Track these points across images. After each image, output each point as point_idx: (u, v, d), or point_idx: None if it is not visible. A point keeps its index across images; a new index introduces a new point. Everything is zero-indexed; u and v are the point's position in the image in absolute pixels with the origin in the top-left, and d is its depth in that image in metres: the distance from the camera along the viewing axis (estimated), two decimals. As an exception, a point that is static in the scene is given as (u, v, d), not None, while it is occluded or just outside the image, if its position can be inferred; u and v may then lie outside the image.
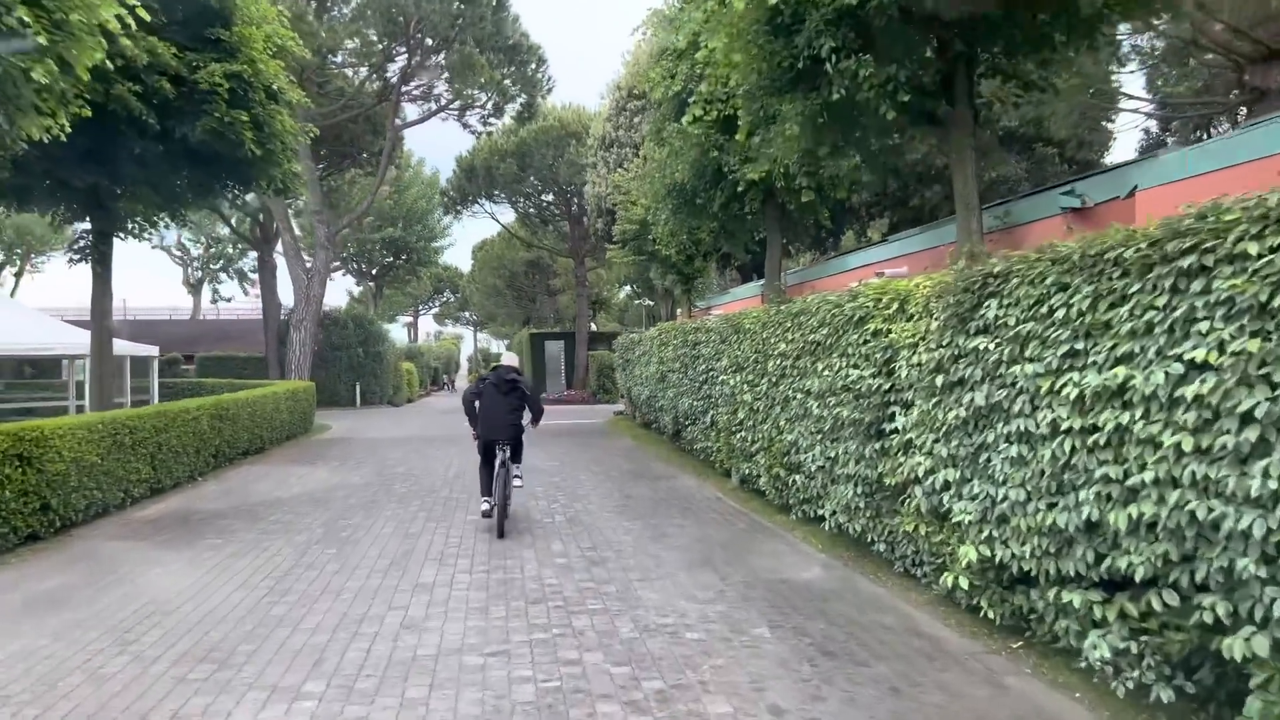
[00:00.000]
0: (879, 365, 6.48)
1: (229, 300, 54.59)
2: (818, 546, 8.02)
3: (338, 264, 51.50)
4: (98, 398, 12.76)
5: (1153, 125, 24.67)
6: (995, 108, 17.02)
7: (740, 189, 12.19)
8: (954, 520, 5.45)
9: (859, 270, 13.65)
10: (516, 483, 9.23)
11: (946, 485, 5.54)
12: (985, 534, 5.11)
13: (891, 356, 6.32)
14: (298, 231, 28.54)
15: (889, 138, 8.70)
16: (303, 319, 24.25)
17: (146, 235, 13.80)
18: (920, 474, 5.85)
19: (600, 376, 33.74)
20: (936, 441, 5.64)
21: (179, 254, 54.43)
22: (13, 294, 47.56)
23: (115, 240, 13.58)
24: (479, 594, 6.54)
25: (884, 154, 9.82)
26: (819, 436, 7.75)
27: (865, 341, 6.70)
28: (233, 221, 33.93)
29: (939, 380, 5.47)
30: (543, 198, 36.37)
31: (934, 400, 5.62)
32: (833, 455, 7.43)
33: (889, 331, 6.37)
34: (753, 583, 6.80)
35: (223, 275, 55.40)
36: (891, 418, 6.35)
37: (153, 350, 20.66)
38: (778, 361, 8.85)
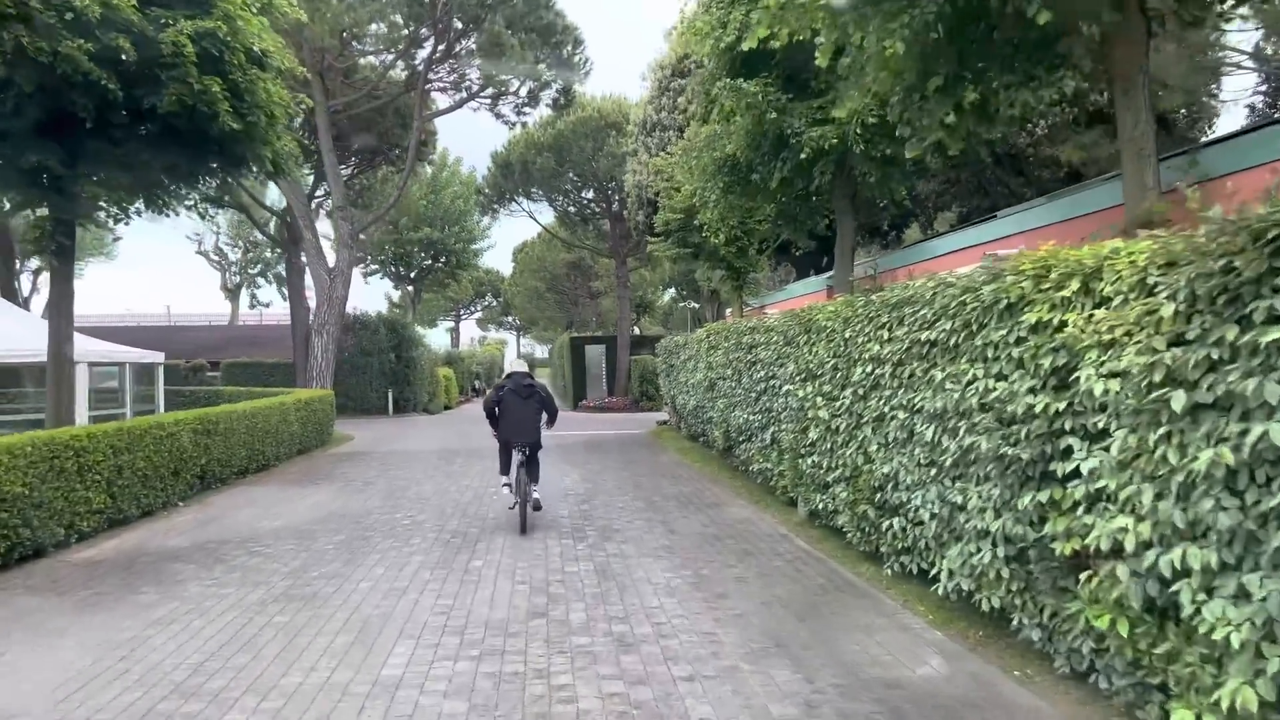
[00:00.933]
0: (1044, 375, 4.38)
1: (267, 305, 53.85)
2: (928, 618, 5.94)
3: (375, 267, 50.40)
4: (53, 412, 11.12)
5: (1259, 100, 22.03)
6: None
7: (806, 158, 10.12)
8: (1201, 630, 3.35)
9: (952, 256, 11.52)
10: (535, 494, 9.64)
11: (1183, 570, 3.44)
12: (1275, 667, 3.02)
13: (1069, 362, 4.22)
14: (327, 230, 27.10)
15: (1028, 63, 6.44)
16: (325, 322, 22.70)
17: (117, 224, 12.17)
18: (1125, 544, 3.76)
19: (643, 383, 31.80)
20: (1161, 497, 3.54)
21: (217, 258, 53.83)
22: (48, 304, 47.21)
23: (114, 229, 12.02)
24: (457, 705, 4.59)
25: (1013, 93, 7.46)
26: (934, 472, 5.68)
27: (1019, 340, 4.60)
28: (261, 221, 32.69)
29: (1178, 400, 3.37)
30: (582, 195, 34.58)
31: (1159, 431, 3.53)
32: (958, 500, 5.34)
33: (1061, 324, 4.27)
34: (850, 686, 4.75)
35: (260, 280, 54.63)
36: (1067, 454, 4.25)
37: (156, 356, 19.20)
38: (867, 369, 6.78)
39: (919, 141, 7.50)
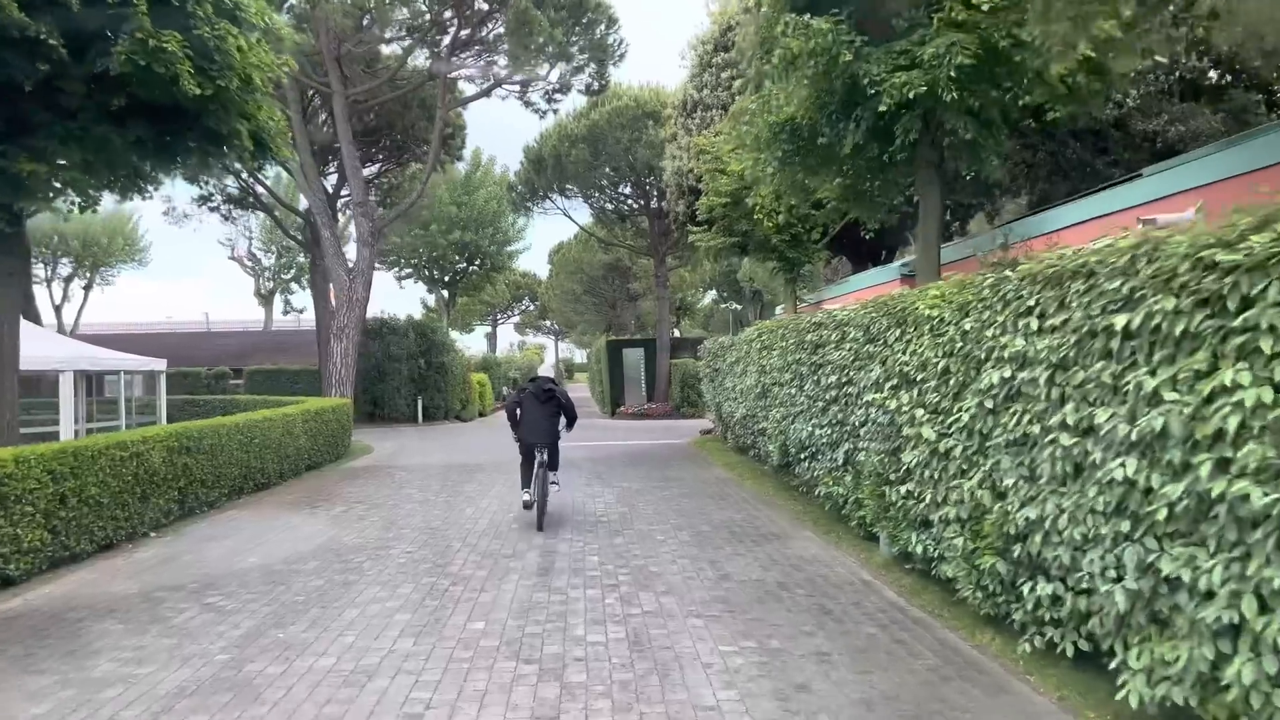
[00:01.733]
0: None
1: (301, 311, 52.96)
2: (1114, 737, 4.07)
3: (408, 271, 49.28)
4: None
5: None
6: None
7: (886, 111, 8.22)
8: None
9: (1077, 229, 9.55)
10: (554, 487, 10.12)
11: None
12: None
13: None
14: (351, 228, 25.71)
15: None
16: (345, 326, 21.26)
17: (84, 211, 10.67)
18: None
19: (684, 388, 29.96)
20: None
21: (250, 264, 53.14)
22: (81, 309, 46.81)
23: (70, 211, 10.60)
24: None
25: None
26: (1127, 526, 3.80)
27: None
28: (286, 222, 31.53)
29: None
30: (618, 190, 32.91)
31: None
32: (1176, 572, 3.46)
33: None
34: None
35: (294, 285, 53.81)
36: None
37: (157, 364, 17.84)
38: (1004, 372, 4.90)
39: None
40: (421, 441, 22.56)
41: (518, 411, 10.21)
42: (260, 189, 30.66)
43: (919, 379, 6.20)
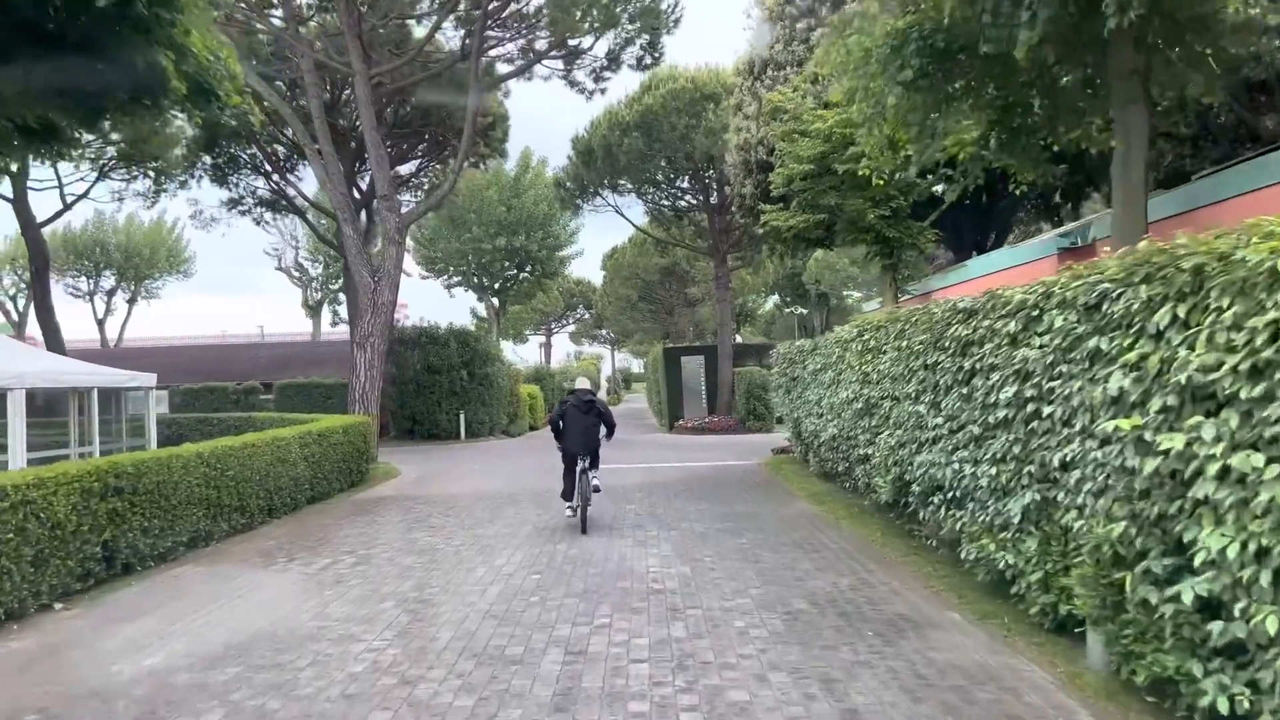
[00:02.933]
0: None
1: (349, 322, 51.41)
2: None
3: (457, 279, 47.31)
4: None
5: None
6: None
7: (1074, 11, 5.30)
8: None
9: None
10: (595, 482, 10.41)
11: None
12: None
13: None
14: (392, 228, 23.41)
15: None
16: (369, 334, 18.90)
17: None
18: None
19: (750, 399, 27.03)
20: None
21: (297, 274, 51.83)
22: (125, 322, 45.83)
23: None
24: None
25: None
26: None
27: None
28: (318, 224, 29.57)
29: None
30: (675, 184, 30.21)
31: None
32: None
33: None
34: None
35: (342, 295, 52.27)
36: None
37: (143, 379, 15.63)
38: None
39: None
40: (457, 463, 20.08)
41: (561, 423, 10.65)
42: (292, 191, 28.77)
43: (1241, 395, 3.29)
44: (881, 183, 9.91)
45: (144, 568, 8.67)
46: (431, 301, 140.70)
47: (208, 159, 27.91)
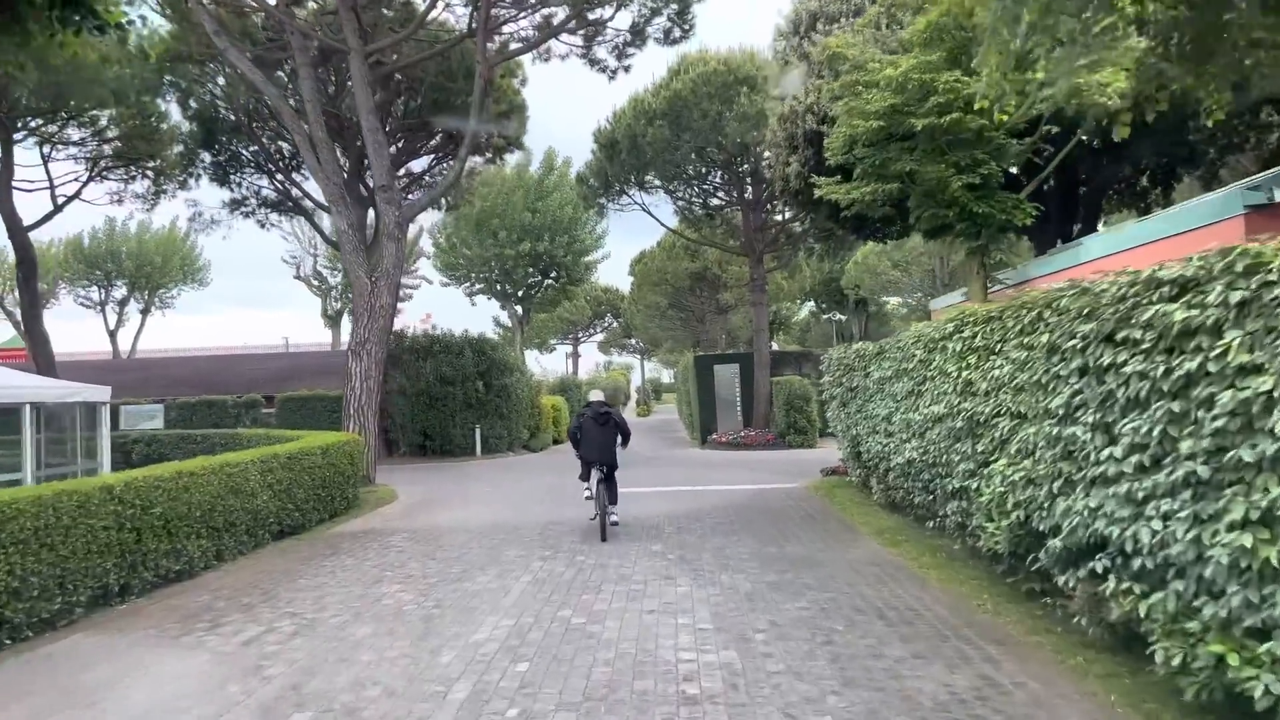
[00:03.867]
0: None
1: (369, 332, 49.70)
2: None
3: (479, 286, 45.46)
4: None
5: None
6: None
7: None
8: None
9: None
10: (614, 517, 10.67)
11: None
12: None
13: None
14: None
15: None
16: (364, 341, 16.90)
17: None
18: None
19: (790, 411, 24.66)
20: None
21: (316, 283, 50.30)
22: (138, 333, 44.46)
23: None
24: None
25: None
26: None
27: None
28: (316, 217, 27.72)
29: None
30: (706, 179, 27.99)
31: None
32: None
33: None
34: None
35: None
36: None
37: (95, 393, 13.67)
38: None
39: None
40: (465, 484, 17.97)
41: (579, 434, 11.23)
42: (299, 191, 26.98)
43: None
44: (1005, 117, 7.57)
45: (20, 639, 6.62)
46: (453, 310, 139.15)
47: (207, 156, 26.21)
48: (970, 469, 7.17)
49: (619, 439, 11.22)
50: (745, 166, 26.42)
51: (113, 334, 43.76)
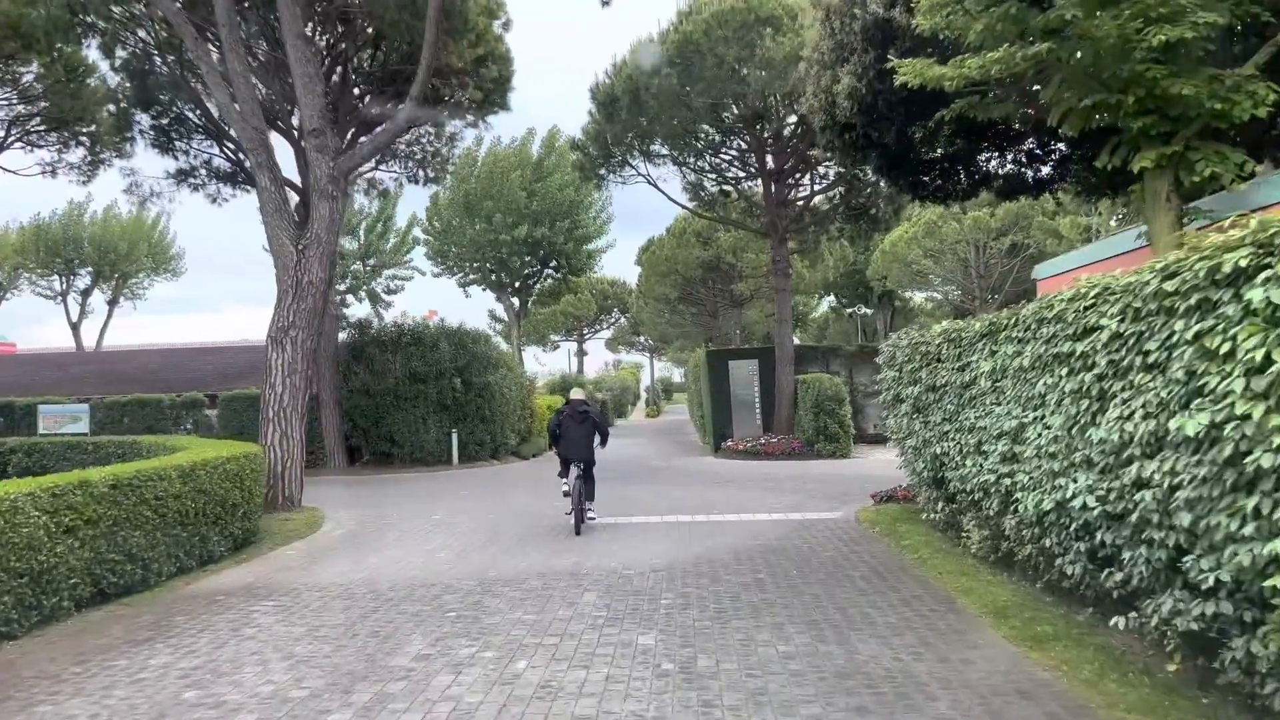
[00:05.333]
0: None
1: (356, 326, 46.19)
2: None
3: (473, 276, 41.87)
4: None
5: None
6: None
7: None
8: None
9: None
10: (591, 514, 11.17)
11: None
12: None
13: None
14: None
15: None
16: (289, 326, 13.29)
17: None
18: None
19: (819, 414, 20.90)
20: None
21: (303, 275, 46.75)
22: (105, 326, 41.06)
23: None
24: None
25: None
26: None
27: None
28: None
29: None
30: (722, 148, 24.30)
31: None
32: None
33: None
34: None
35: (350, 298, 47.22)
36: None
37: None
38: None
39: None
40: (427, 504, 14.36)
41: (558, 431, 11.40)
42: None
43: None
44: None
45: None
46: (447, 303, 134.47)
47: (145, 118, 22.67)
48: (1231, 526, 3.48)
49: (597, 438, 11.30)
50: (767, 130, 22.70)
51: (75, 326, 40.38)
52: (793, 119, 22.77)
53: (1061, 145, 14.97)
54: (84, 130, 23.61)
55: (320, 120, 13.76)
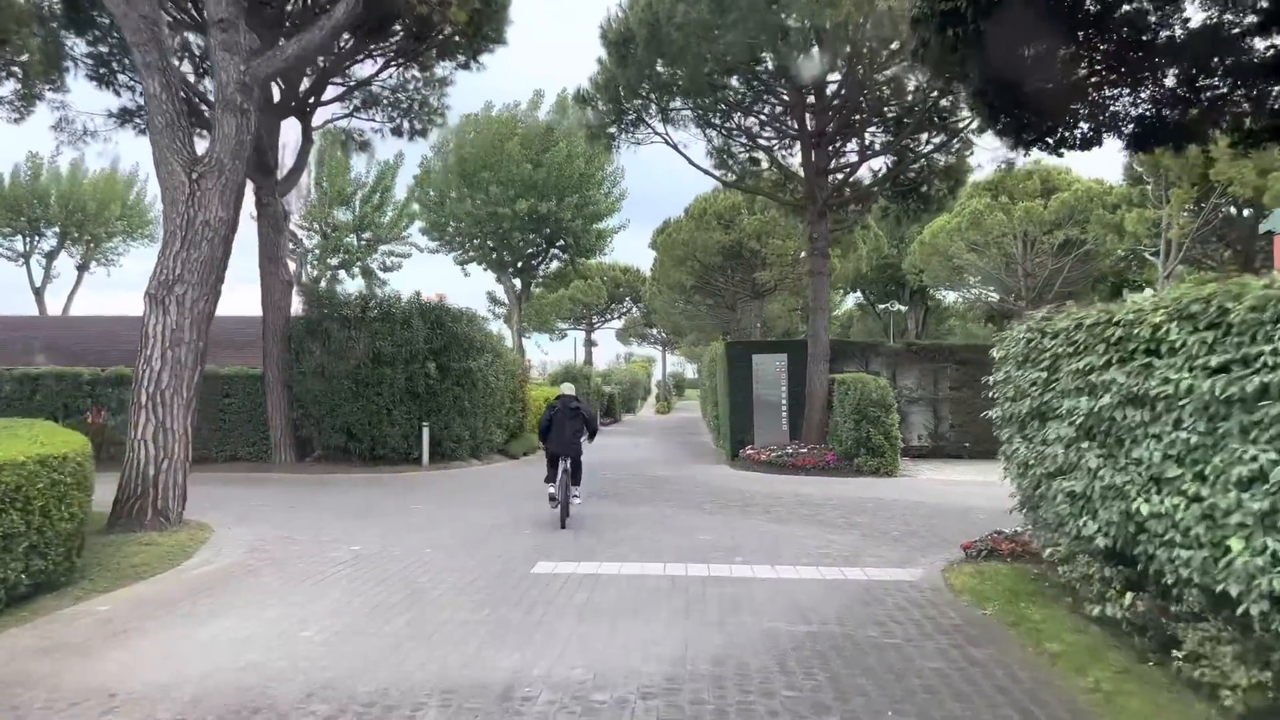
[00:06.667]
0: None
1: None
2: None
3: (471, 254, 38.37)
4: None
5: None
6: None
7: None
8: None
9: None
10: (576, 498, 11.13)
11: None
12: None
13: None
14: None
15: None
16: (172, 280, 9.86)
17: None
18: None
19: (861, 421, 17.29)
20: None
21: (293, 246, 43.49)
22: (72, 293, 37.85)
23: None
24: None
25: None
26: None
27: None
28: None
29: None
30: (753, 108, 20.76)
31: None
32: None
33: None
34: None
35: (343, 273, 43.88)
36: None
37: None
38: None
39: None
40: (356, 523, 10.92)
41: (549, 426, 11.19)
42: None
43: None
44: None
45: None
46: (445, 284, 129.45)
47: (80, 44, 19.33)
48: None
49: (585, 432, 11.30)
50: (809, 80, 19.06)
51: (38, 292, 37.15)
52: (835, 76, 19.22)
53: (1215, 80, 11.63)
54: (16, 60, 20.28)
55: (229, 8, 10.26)
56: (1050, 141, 11.05)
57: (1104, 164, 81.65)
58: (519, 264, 38.00)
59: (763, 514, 12.01)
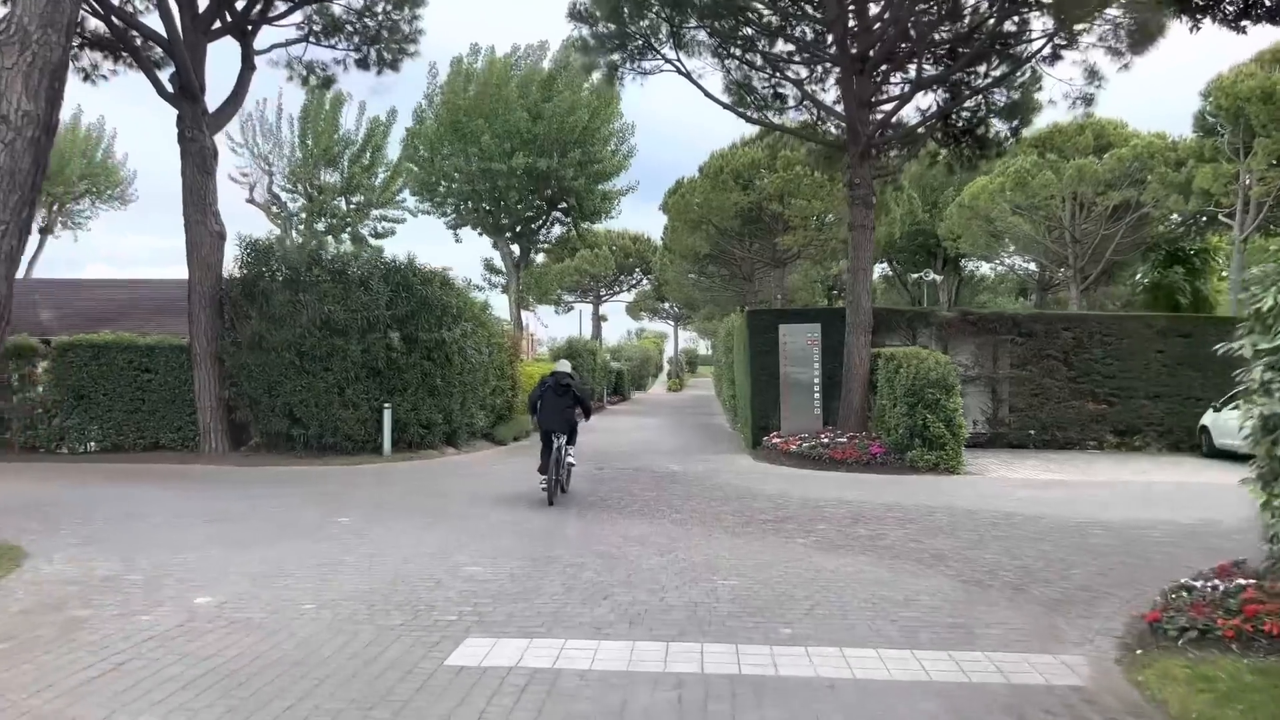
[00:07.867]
0: None
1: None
2: None
3: (466, 217, 35.06)
4: None
5: None
6: None
7: None
8: None
9: None
10: (570, 459, 11.22)
11: None
12: None
13: None
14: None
15: None
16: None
17: None
18: None
19: (917, 406, 13.99)
20: None
21: (276, 210, 40.41)
22: (33, 259, 34.81)
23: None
24: None
25: None
26: None
27: None
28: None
29: None
30: (781, 34, 17.39)
31: None
32: None
33: None
34: None
35: (331, 239, 40.74)
36: None
37: None
38: None
39: None
40: (239, 554, 7.82)
41: (539, 403, 11.04)
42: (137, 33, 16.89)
43: None
44: None
45: None
46: (437, 249, 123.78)
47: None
48: None
49: (578, 410, 11.08)
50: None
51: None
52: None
53: None
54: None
55: None
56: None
57: (1167, 118, 77.23)
58: (517, 228, 34.71)
59: (804, 536, 8.80)
